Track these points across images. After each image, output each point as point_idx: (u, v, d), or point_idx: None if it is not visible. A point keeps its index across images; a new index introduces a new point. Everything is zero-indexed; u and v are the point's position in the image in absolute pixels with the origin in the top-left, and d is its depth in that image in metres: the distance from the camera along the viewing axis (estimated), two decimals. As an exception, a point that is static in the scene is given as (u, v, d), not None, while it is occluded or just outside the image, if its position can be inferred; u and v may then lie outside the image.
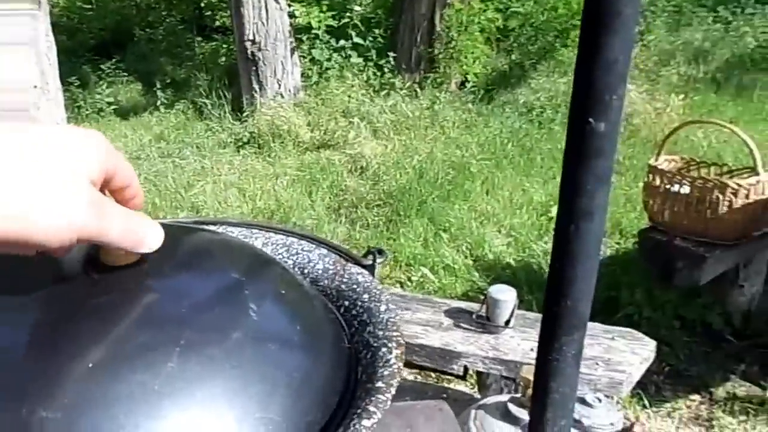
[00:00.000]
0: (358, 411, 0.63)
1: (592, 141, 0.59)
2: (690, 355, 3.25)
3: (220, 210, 5.21)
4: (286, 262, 1.07)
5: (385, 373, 0.70)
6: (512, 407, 1.82)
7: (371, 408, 0.63)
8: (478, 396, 2.69)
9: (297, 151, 6.46)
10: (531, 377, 1.03)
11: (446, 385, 3.10)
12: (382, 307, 0.86)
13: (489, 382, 2.51)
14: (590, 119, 0.57)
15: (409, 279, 4.08)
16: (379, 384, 0.67)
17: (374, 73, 7.73)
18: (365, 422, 0.61)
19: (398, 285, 4.04)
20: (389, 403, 0.64)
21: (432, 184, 5.28)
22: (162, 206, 5.26)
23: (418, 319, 2.57)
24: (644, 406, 2.92)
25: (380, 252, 0.98)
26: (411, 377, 3.15)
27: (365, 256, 1.01)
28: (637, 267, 3.65)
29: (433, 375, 3.10)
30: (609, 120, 0.58)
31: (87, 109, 8.32)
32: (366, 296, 0.91)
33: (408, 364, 2.55)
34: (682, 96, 6.85)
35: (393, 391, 0.66)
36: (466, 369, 2.45)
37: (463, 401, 2.82)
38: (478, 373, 2.59)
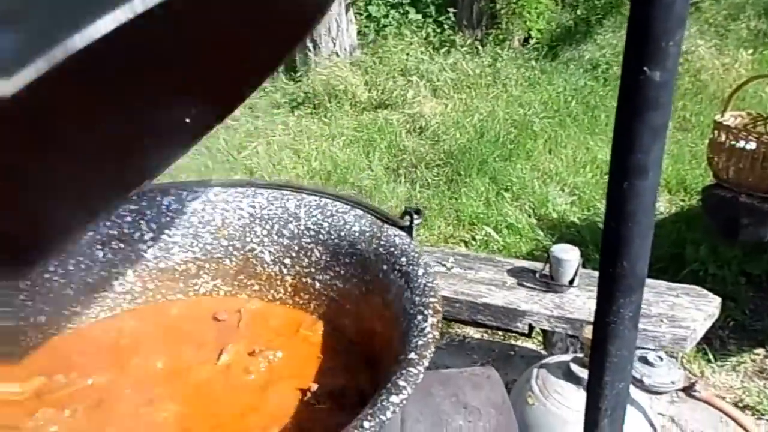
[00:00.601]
0: (388, 386, 0.61)
1: (647, 91, 0.57)
2: (755, 309, 3.30)
3: (274, 172, 5.27)
4: (320, 224, 1.17)
5: (419, 343, 0.68)
6: (574, 367, 1.92)
7: (401, 382, 0.61)
8: (545, 353, 2.79)
9: (354, 111, 6.47)
10: (592, 338, 1.07)
11: (513, 342, 3.19)
12: (420, 271, 0.86)
13: (555, 340, 2.60)
14: (645, 68, 0.56)
15: (473, 238, 4.18)
16: (412, 355, 0.66)
17: (434, 30, 7.66)
18: (393, 398, 0.59)
19: (462, 244, 4.15)
20: (421, 376, 0.62)
21: (493, 143, 5.33)
22: (214, 169, 5.29)
23: (482, 278, 2.68)
24: (708, 361, 2.99)
25: (417, 212, 1.01)
26: (477, 335, 3.25)
27: (402, 216, 1.07)
28: (702, 224, 3.71)
29: (500, 333, 3.18)
30: (665, 68, 0.55)
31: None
32: (403, 259, 0.91)
33: (473, 323, 2.66)
34: (751, 51, 6.75)
35: (426, 363, 0.64)
36: (531, 327, 2.55)
37: (530, 358, 2.94)
38: (544, 332, 2.70)
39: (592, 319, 2.38)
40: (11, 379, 1.15)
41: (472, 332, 3.27)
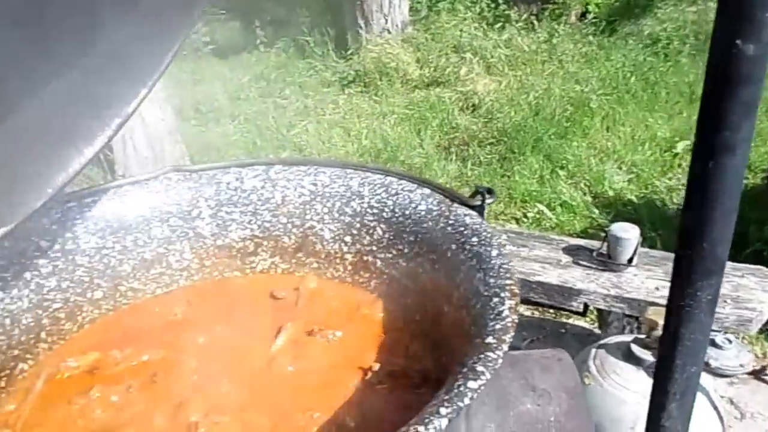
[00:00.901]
0: (464, 370, 0.60)
1: (739, 65, 0.54)
2: (820, 291, 3.23)
3: (324, 149, 5.31)
4: (384, 202, 1.15)
5: (497, 326, 0.66)
6: (635, 348, 1.89)
7: (479, 368, 0.59)
8: (598, 332, 2.77)
9: (405, 89, 6.46)
10: (657, 319, 1.03)
11: (564, 320, 3.19)
12: (494, 252, 0.83)
13: (610, 319, 2.58)
14: (738, 41, 0.53)
15: (525, 215, 4.18)
16: (489, 339, 0.64)
17: (488, 5, 7.53)
18: (471, 383, 0.58)
19: (513, 221, 4.14)
20: (500, 361, 0.60)
21: (549, 120, 5.29)
22: (263, 146, 5.38)
23: (535, 256, 2.66)
24: (772, 342, 2.95)
25: (489, 192, 0.98)
26: (528, 312, 3.25)
27: (473, 196, 1.04)
28: (766, 202, 3.64)
29: (551, 310, 3.18)
30: (760, 41, 0.52)
31: (183, 49, 8.26)
32: (475, 239, 0.88)
33: (525, 301, 2.65)
34: (821, 23, 6.56)
35: (505, 347, 0.62)
36: (586, 306, 2.52)
37: (582, 336, 2.92)
38: (599, 311, 2.67)
39: (650, 299, 2.33)
40: (67, 354, 1.16)
41: (522, 309, 3.25)
